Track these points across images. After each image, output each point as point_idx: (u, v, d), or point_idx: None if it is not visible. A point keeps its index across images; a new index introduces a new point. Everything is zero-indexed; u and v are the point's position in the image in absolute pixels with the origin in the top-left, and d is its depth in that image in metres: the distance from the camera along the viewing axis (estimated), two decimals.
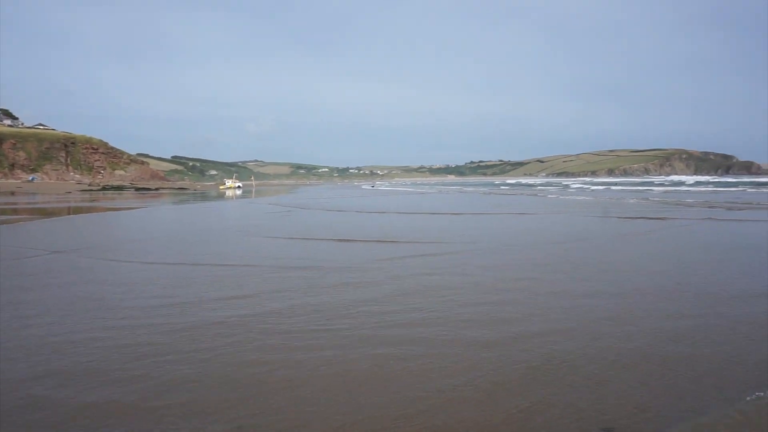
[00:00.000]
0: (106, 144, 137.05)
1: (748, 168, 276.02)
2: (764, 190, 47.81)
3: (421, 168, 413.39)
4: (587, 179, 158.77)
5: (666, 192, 46.44)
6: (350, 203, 34.80)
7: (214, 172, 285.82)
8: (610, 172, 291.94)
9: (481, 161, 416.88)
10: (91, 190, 76.27)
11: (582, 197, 38.82)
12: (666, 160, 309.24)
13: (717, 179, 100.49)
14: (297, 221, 19.54)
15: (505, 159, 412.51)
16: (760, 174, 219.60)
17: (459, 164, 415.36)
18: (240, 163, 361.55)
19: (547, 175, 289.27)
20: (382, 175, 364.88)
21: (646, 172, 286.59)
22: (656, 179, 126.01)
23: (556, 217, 20.63)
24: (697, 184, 71.90)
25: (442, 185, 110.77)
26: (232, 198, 51.05)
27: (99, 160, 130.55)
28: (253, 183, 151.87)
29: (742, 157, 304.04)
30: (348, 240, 13.10)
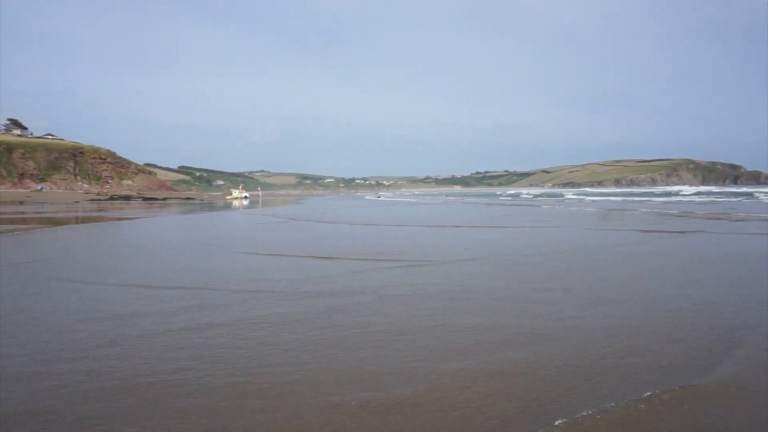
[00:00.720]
0: (113, 154, 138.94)
1: (756, 178, 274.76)
2: (762, 199, 47.89)
3: (427, 178, 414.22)
4: (588, 189, 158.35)
5: (666, 203, 46.66)
6: (349, 215, 35.39)
7: (221, 182, 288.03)
8: (617, 183, 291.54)
9: (486, 172, 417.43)
10: (99, 199, 77.39)
11: (575, 208, 39.19)
12: (673, 170, 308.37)
13: (719, 189, 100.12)
14: (286, 234, 20.07)
15: (511, 170, 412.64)
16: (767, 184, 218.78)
17: (465, 175, 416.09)
18: (246, 174, 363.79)
19: (553, 186, 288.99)
20: (388, 186, 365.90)
21: (653, 182, 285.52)
22: (658, 189, 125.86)
23: (538, 230, 21.08)
24: (698, 194, 72.03)
25: (446, 196, 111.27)
26: (239, 208, 51.85)
27: (107, 170, 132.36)
28: (260, 193, 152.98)
29: (750, 167, 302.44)
30: (328, 257, 12.37)
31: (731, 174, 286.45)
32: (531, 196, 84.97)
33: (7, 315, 6.89)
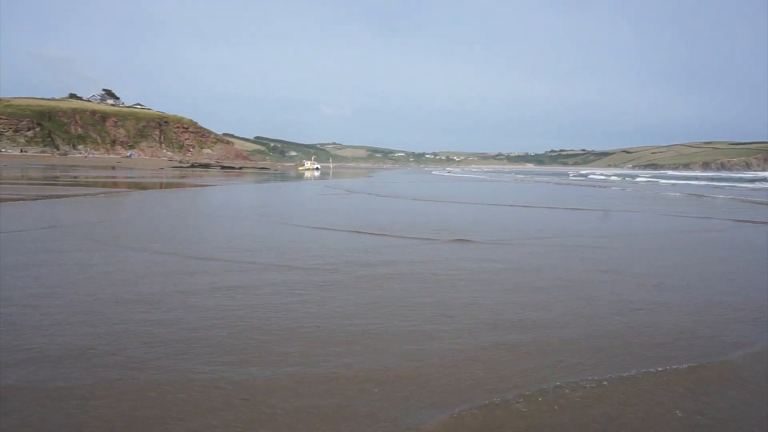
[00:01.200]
0: (195, 123, 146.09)
1: None
2: None
3: (498, 155, 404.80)
4: (669, 172, 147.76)
5: (754, 189, 43.26)
6: (413, 189, 35.73)
7: (294, 153, 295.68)
8: (706, 166, 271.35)
9: (562, 150, 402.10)
10: (181, 166, 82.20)
11: (649, 192, 37.33)
12: None
13: None
14: (347, 207, 20.71)
15: (588, 148, 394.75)
16: None
17: (538, 152, 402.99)
18: (319, 146, 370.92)
19: (633, 167, 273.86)
20: (458, 162, 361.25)
21: (747, 166, 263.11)
22: (748, 174, 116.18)
23: (599, 213, 20.52)
24: None
25: (515, 174, 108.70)
26: (309, 179, 53.47)
27: (188, 138, 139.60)
28: (331, 165, 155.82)
29: None
30: (358, 231, 12.43)
31: None
32: (603, 177, 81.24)
33: (69, 269, 7.90)
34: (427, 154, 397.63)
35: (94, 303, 5.92)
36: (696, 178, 76.69)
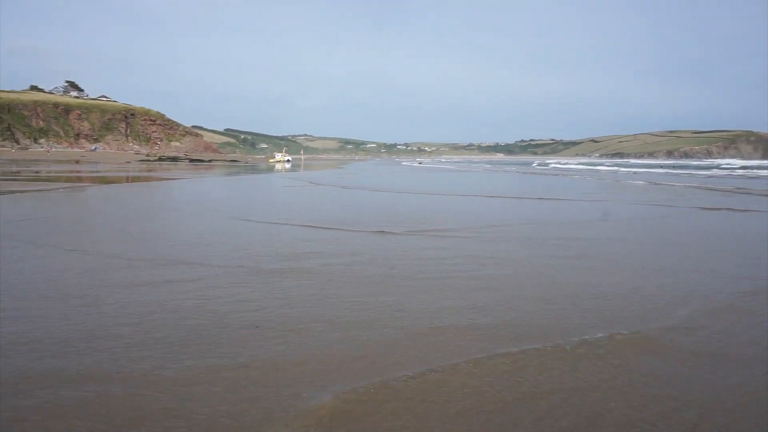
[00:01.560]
0: (163, 116, 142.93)
1: None
2: None
3: (469, 146, 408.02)
4: (632, 161, 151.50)
5: (710, 177, 45.01)
6: (375, 181, 36.06)
7: (264, 146, 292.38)
8: (669, 154, 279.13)
9: (532, 140, 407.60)
10: (149, 160, 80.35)
11: (605, 181, 38.57)
12: (731, 142, 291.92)
13: None
14: (309, 200, 20.97)
15: (558, 138, 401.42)
16: None
17: (509, 142, 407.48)
18: (290, 137, 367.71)
19: (600, 156, 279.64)
20: (430, 152, 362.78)
21: (709, 154, 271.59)
22: (705, 162, 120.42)
23: (557, 203, 21.22)
24: (744, 167, 68.96)
25: (485, 164, 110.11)
26: (280, 171, 53.25)
27: (156, 131, 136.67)
28: (302, 157, 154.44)
29: None
30: (313, 226, 12.52)
31: None
32: (565, 166, 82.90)
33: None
34: (399, 145, 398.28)
35: (30, 300, 6.12)
36: (658, 166, 79.09)
